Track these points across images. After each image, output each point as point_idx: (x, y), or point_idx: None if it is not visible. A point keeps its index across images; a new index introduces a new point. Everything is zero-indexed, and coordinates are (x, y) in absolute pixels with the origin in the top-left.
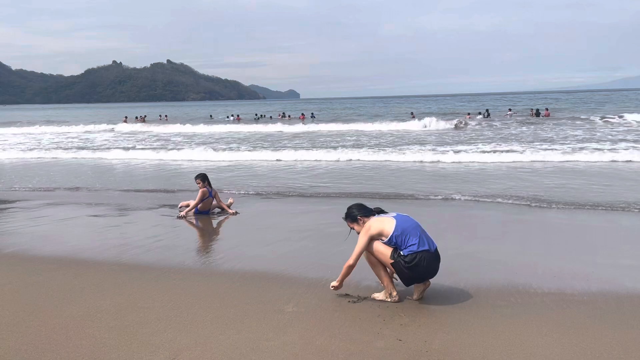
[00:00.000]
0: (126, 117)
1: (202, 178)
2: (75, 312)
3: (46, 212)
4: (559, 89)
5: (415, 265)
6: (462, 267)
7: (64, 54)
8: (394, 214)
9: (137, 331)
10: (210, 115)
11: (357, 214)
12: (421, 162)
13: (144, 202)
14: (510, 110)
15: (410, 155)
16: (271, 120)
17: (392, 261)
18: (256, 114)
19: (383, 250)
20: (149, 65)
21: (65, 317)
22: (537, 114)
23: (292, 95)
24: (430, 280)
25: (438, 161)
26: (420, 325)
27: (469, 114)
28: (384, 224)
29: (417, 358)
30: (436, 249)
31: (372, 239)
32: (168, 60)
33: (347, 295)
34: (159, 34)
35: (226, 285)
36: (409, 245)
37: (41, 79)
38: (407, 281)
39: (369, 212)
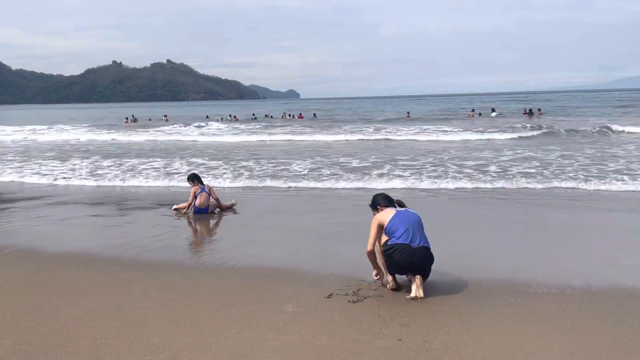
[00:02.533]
0: (127, 118)
1: (192, 178)
2: (75, 312)
3: (46, 212)
4: (559, 89)
5: (390, 255)
6: (462, 267)
7: (64, 54)
8: (403, 210)
9: (137, 331)
10: (207, 116)
11: (379, 202)
12: None
13: (144, 201)
14: (493, 111)
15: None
16: (266, 119)
17: (382, 249)
18: (253, 114)
19: (380, 239)
20: (149, 65)
21: (65, 317)
22: (530, 113)
23: (292, 95)
24: (420, 277)
25: None
26: (420, 325)
27: (473, 110)
28: (386, 214)
29: (417, 358)
30: (422, 246)
31: (379, 227)
32: (168, 60)
33: (347, 295)
34: (159, 34)
35: (226, 285)
36: (393, 237)
37: (41, 79)
38: (388, 269)
39: (389, 203)
